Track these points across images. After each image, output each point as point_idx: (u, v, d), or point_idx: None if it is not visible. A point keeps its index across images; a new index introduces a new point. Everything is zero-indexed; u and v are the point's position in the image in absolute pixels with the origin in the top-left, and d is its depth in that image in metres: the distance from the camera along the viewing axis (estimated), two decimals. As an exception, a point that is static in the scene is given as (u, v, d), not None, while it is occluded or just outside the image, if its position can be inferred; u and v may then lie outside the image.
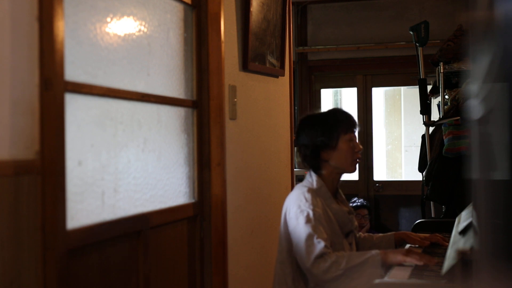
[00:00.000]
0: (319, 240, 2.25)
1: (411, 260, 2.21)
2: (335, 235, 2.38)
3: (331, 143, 2.43)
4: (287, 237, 2.38)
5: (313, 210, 2.31)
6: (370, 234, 2.73)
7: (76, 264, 1.79)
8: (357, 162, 2.49)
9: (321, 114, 2.53)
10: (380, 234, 2.71)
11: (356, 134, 2.50)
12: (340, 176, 2.52)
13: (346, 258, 2.22)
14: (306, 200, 2.35)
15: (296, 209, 2.35)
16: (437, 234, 2.72)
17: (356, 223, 2.58)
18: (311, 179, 2.46)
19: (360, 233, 2.75)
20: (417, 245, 2.66)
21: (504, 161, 0.82)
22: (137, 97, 2.15)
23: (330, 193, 2.46)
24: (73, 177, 1.77)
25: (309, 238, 2.27)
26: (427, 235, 2.74)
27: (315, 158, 2.46)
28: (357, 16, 6.14)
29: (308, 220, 2.29)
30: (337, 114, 2.50)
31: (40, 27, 1.62)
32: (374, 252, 2.25)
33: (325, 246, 2.24)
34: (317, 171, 2.48)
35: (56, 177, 1.63)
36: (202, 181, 2.60)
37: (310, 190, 2.39)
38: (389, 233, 2.71)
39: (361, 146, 2.50)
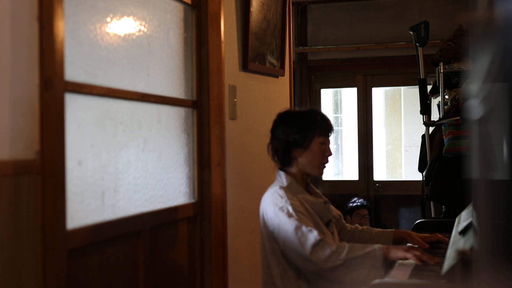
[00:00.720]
0: (309, 228, 2.26)
1: (411, 257, 2.21)
2: (316, 225, 2.39)
3: (304, 142, 2.45)
4: (269, 239, 2.38)
5: (291, 204, 2.33)
6: (369, 227, 2.73)
7: (76, 264, 1.79)
8: (324, 167, 2.51)
9: (300, 112, 2.54)
10: (380, 229, 2.72)
11: (330, 138, 2.53)
12: (307, 176, 2.54)
13: (347, 248, 2.23)
14: (281, 197, 2.36)
15: (274, 208, 2.35)
16: (437, 234, 2.72)
17: (333, 212, 2.59)
18: (280, 178, 2.48)
19: (357, 224, 2.76)
20: (416, 246, 2.66)
21: (504, 161, 0.82)
22: (137, 97, 2.15)
23: (301, 187, 2.48)
24: (73, 177, 1.77)
25: (297, 229, 2.27)
26: (427, 235, 2.74)
27: (285, 154, 2.48)
28: (357, 16, 6.14)
29: (289, 214, 2.30)
30: (315, 115, 2.51)
31: (40, 27, 1.62)
32: (376, 246, 2.26)
33: (318, 233, 2.25)
34: (285, 167, 2.50)
35: (56, 177, 1.63)
36: (202, 181, 2.60)
37: (282, 187, 2.41)
38: (389, 230, 2.72)
39: (331, 152, 2.52)
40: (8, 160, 1.52)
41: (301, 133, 2.45)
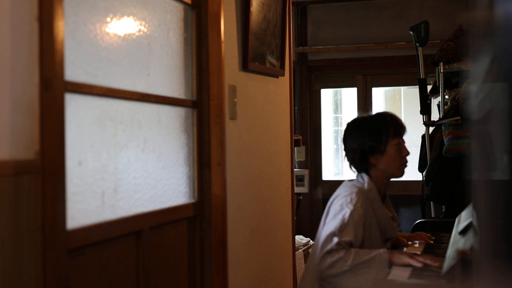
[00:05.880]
0: (336, 238, 2.27)
1: (416, 263, 2.21)
2: (375, 240, 2.40)
3: (379, 148, 2.46)
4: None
5: (352, 211, 2.33)
6: None
7: (76, 264, 1.79)
8: (405, 166, 2.51)
9: (369, 118, 2.55)
10: None
11: (405, 138, 2.52)
12: (388, 181, 2.54)
13: (353, 254, 2.23)
14: (351, 201, 2.37)
15: (338, 206, 2.38)
16: (422, 233, 2.76)
17: (397, 230, 2.59)
18: (362, 180, 2.48)
19: None
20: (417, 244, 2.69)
21: (504, 161, 0.82)
22: (137, 97, 2.15)
23: (379, 196, 2.48)
24: (73, 177, 1.77)
25: (330, 235, 2.29)
26: (412, 234, 2.79)
27: (363, 163, 2.49)
28: (357, 16, 6.14)
29: (342, 219, 2.32)
30: (386, 118, 2.51)
31: (40, 27, 1.62)
32: (381, 250, 2.26)
33: (338, 243, 2.26)
34: (366, 174, 2.51)
35: (56, 177, 1.63)
36: (202, 181, 2.60)
37: (360, 191, 2.41)
38: None
39: (408, 151, 2.51)
40: (8, 160, 1.52)
41: (375, 138, 2.45)
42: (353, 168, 2.54)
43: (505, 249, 0.82)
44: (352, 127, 2.54)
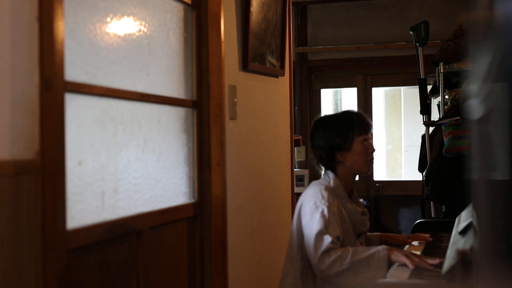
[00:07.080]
0: (327, 235, 2.27)
1: (410, 264, 2.21)
2: (348, 235, 2.42)
3: (346, 144, 2.47)
4: (299, 232, 2.41)
5: (328, 207, 2.34)
6: None
7: (76, 264, 1.79)
8: (371, 163, 2.53)
9: (335, 115, 2.57)
10: (368, 233, 2.75)
11: (370, 135, 2.55)
12: (354, 177, 2.57)
13: (351, 252, 2.23)
14: (323, 197, 2.38)
15: (312, 205, 2.37)
16: (420, 234, 2.78)
17: (368, 224, 2.61)
18: (328, 177, 2.49)
19: None
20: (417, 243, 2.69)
21: (504, 161, 0.82)
22: (137, 97, 2.15)
23: (346, 193, 2.49)
24: (73, 177, 1.77)
25: (319, 234, 2.29)
26: (409, 235, 2.81)
27: (330, 160, 2.50)
28: (357, 16, 6.14)
29: (322, 216, 2.32)
30: (352, 115, 2.53)
31: (40, 27, 1.62)
32: (380, 247, 2.26)
33: (332, 242, 2.26)
34: (332, 171, 2.52)
35: (56, 177, 1.63)
36: (202, 181, 2.60)
37: (327, 188, 2.43)
38: (374, 233, 2.77)
39: (374, 148, 2.54)
40: (8, 160, 1.52)
41: (341, 135, 2.47)
42: (320, 165, 2.55)
43: (505, 249, 0.82)
44: (319, 125, 2.56)
